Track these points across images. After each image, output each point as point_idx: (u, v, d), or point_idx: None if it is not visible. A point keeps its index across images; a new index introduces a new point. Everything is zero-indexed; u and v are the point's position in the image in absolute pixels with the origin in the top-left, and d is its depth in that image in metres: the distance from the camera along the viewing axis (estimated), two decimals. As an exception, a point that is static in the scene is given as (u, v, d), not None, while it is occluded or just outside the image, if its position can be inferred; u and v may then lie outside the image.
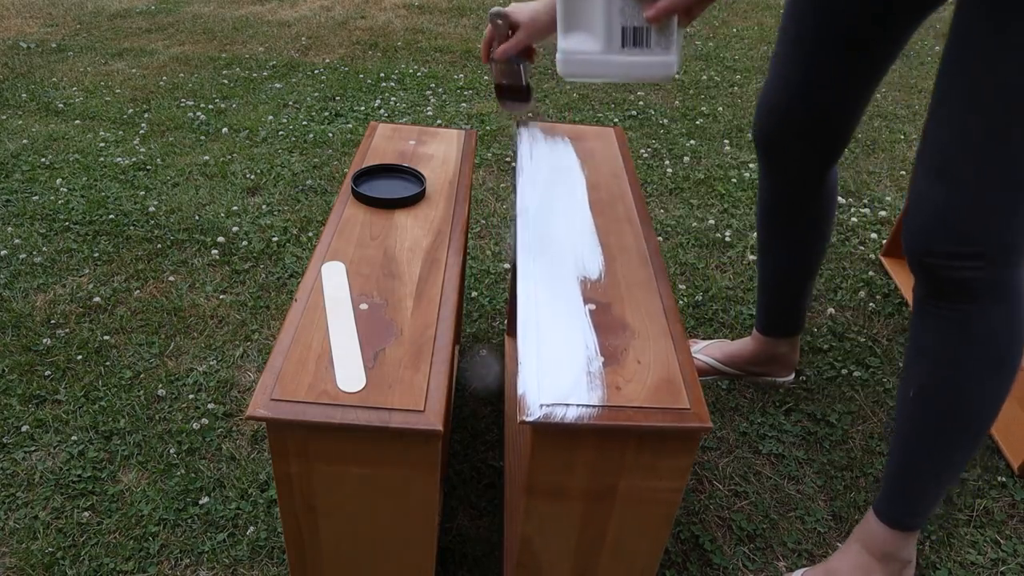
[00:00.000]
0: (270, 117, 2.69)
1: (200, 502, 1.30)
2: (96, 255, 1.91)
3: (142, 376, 1.55)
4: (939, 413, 1.03)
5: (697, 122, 2.75)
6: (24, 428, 1.42)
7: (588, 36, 0.74)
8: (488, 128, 2.65)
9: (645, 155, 2.50)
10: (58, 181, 2.23)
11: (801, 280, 1.45)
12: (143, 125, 2.60)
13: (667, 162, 2.46)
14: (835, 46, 1.15)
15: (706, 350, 1.60)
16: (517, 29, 1.12)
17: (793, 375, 1.59)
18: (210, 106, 2.76)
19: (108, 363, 1.58)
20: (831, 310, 1.82)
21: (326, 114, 2.73)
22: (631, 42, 0.72)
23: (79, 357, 1.59)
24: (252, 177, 2.29)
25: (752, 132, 1.33)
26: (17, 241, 1.95)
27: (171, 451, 1.39)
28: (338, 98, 2.87)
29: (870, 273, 1.97)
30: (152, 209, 2.11)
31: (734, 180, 2.36)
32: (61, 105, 2.72)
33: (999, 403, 1.01)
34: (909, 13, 1.10)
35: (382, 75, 3.08)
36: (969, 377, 0.99)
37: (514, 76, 1.15)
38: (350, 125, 2.65)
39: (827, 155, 1.28)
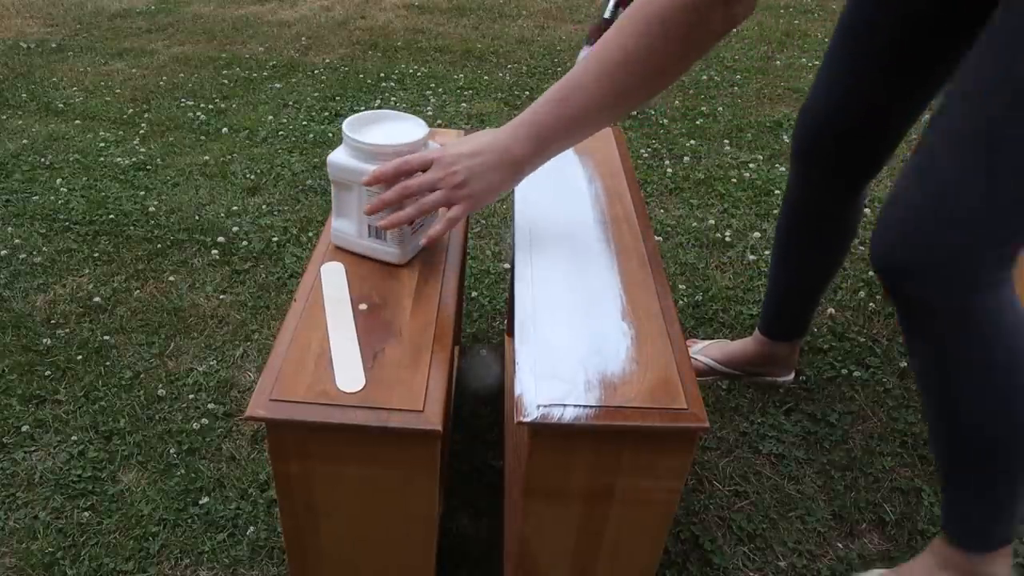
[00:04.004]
0: (270, 117, 2.69)
1: (200, 502, 1.30)
2: (96, 255, 1.91)
3: (142, 376, 1.56)
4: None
5: (697, 122, 2.75)
6: (24, 428, 1.43)
7: (349, 223, 0.98)
8: (488, 128, 2.65)
9: (645, 155, 2.50)
10: (58, 181, 2.23)
11: (813, 290, 1.45)
12: (143, 125, 2.60)
13: (667, 162, 2.46)
14: (891, 54, 1.11)
15: (706, 351, 1.60)
16: None
17: (793, 375, 1.59)
18: (210, 106, 2.76)
19: (108, 363, 1.58)
20: (831, 310, 1.82)
21: (326, 114, 2.73)
22: (374, 235, 0.96)
23: (79, 357, 1.59)
24: (252, 177, 2.29)
25: (792, 136, 1.30)
26: (17, 241, 1.95)
27: (171, 451, 1.39)
28: (338, 98, 2.87)
29: (870, 273, 1.97)
30: (152, 209, 2.11)
31: (734, 180, 2.36)
32: (61, 105, 2.72)
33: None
34: (969, 30, 1.02)
35: (382, 75, 3.08)
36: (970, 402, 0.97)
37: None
38: (350, 125, 2.65)
39: (863, 170, 1.26)
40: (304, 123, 2.66)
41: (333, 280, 0.96)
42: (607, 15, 1.02)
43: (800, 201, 1.35)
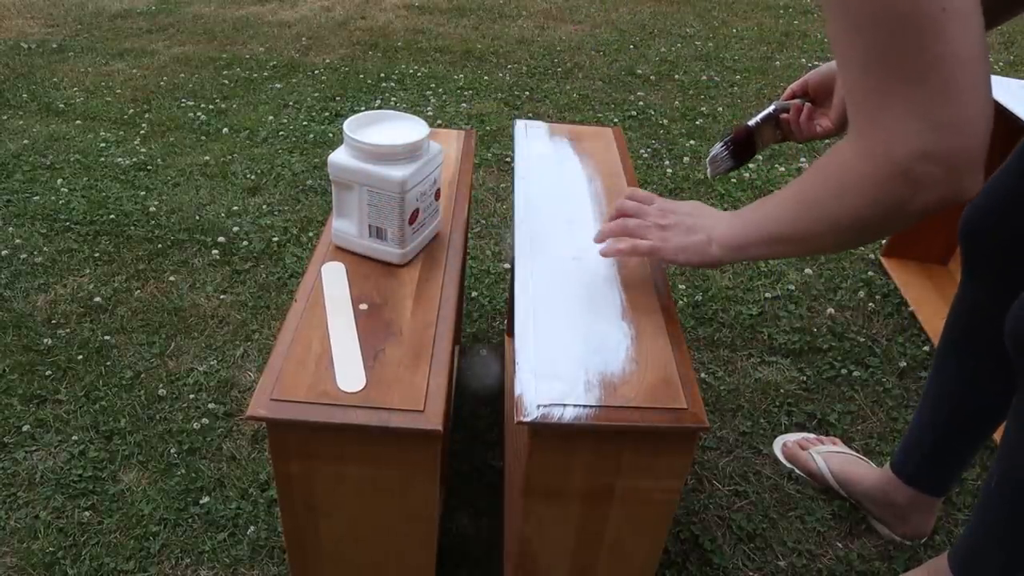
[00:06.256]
0: (270, 117, 2.69)
1: (200, 502, 1.30)
2: (97, 255, 1.91)
3: (143, 376, 1.56)
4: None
5: (697, 122, 2.75)
6: (25, 428, 1.43)
7: (349, 223, 0.99)
8: (488, 128, 2.66)
9: (645, 155, 2.50)
10: (59, 181, 2.23)
11: (969, 424, 1.18)
12: (144, 125, 2.60)
13: (667, 162, 2.46)
14: None
15: (827, 456, 1.39)
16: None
17: (915, 540, 1.31)
18: (210, 106, 2.76)
19: (109, 363, 1.58)
20: (831, 310, 1.83)
21: (326, 114, 2.73)
22: (375, 235, 0.97)
23: (80, 357, 1.59)
24: (252, 177, 2.30)
25: (961, 220, 1.08)
26: (18, 241, 1.95)
27: (172, 451, 1.39)
28: (338, 98, 2.87)
29: (870, 273, 1.97)
30: (153, 209, 2.11)
31: (734, 180, 2.36)
32: (62, 105, 2.73)
33: None
34: None
35: (382, 75, 3.08)
36: None
37: (754, 126, 1.07)
38: (350, 125, 2.65)
39: None
40: (304, 123, 2.66)
41: (334, 280, 0.96)
42: (751, 123, 1.05)
43: (966, 302, 1.13)
